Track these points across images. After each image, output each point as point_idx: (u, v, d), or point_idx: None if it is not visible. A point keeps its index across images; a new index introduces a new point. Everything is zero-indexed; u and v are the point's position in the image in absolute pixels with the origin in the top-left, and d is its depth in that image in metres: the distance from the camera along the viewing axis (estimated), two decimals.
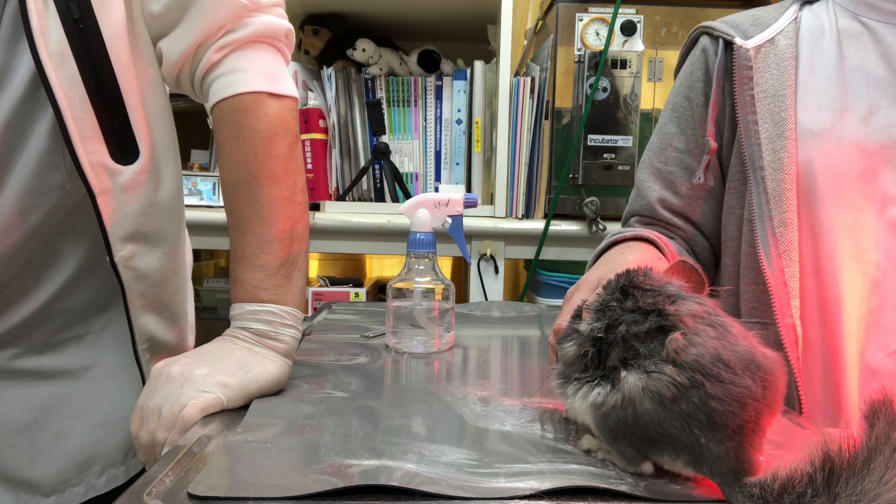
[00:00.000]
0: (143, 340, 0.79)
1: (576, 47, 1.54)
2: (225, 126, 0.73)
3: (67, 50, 0.66)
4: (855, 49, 0.80)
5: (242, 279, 0.71)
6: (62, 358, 0.78)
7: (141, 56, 0.73)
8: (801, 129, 0.79)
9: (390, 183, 1.68)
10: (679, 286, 0.54)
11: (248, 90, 0.72)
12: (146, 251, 0.76)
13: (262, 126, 0.72)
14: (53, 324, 0.77)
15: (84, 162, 0.68)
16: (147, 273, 0.76)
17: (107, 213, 0.71)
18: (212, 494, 0.46)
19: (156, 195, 0.76)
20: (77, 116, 0.67)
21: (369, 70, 1.72)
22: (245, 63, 0.73)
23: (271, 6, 0.75)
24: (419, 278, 0.89)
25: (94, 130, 0.69)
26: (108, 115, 0.69)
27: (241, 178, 0.72)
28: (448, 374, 0.80)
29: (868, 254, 0.76)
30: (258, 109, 0.72)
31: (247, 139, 0.72)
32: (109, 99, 0.69)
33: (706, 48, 0.87)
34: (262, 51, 0.75)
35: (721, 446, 0.47)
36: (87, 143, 0.68)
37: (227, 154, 0.73)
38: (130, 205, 0.73)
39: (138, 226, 0.74)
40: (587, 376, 0.54)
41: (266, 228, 0.71)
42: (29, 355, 0.76)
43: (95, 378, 0.80)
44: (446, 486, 0.47)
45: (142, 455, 0.64)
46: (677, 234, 0.89)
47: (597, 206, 1.53)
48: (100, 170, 0.70)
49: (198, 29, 0.71)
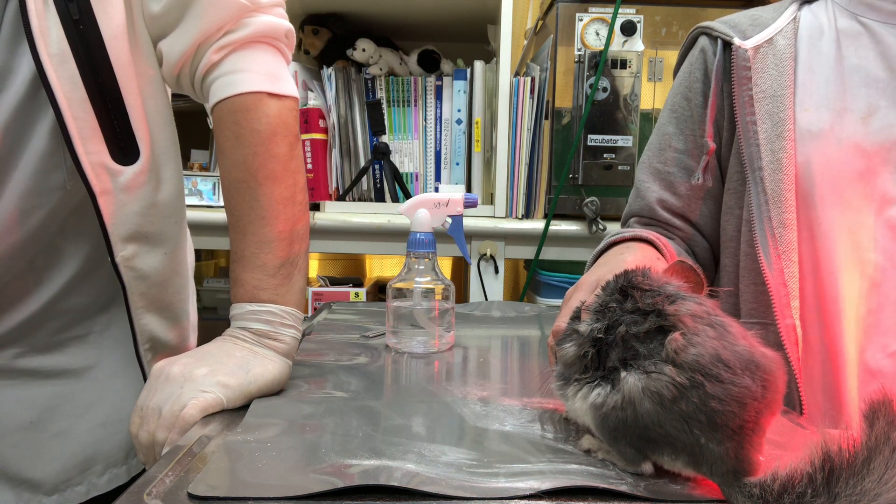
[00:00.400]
0: (145, 340, 0.79)
1: (576, 47, 1.54)
2: (225, 126, 0.73)
3: (67, 50, 0.66)
4: (854, 49, 0.80)
5: (242, 279, 0.71)
6: (64, 357, 0.78)
7: (141, 56, 0.73)
8: (799, 130, 0.79)
9: (390, 183, 1.68)
10: (678, 286, 0.54)
11: (247, 90, 0.72)
12: (147, 251, 0.76)
13: (262, 126, 0.72)
14: (55, 323, 0.77)
15: (84, 162, 0.68)
16: (148, 273, 0.76)
17: (107, 213, 0.71)
18: (212, 494, 0.46)
19: (156, 195, 0.76)
20: (77, 117, 0.67)
21: (369, 70, 1.72)
22: (245, 63, 0.73)
23: (271, 6, 0.75)
24: (419, 278, 0.89)
25: (94, 131, 0.69)
26: (108, 115, 0.70)
27: (242, 179, 0.72)
28: (448, 374, 0.80)
29: (867, 254, 0.76)
30: (258, 109, 0.72)
31: (247, 139, 0.72)
32: (109, 99, 0.70)
33: (705, 48, 0.87)
34: (262, 51, 0.75)
35: (721, 446, 0.47)
36: (88, 144, 0.68)
37: (227, 154, 0.73)
38: (131, 205, 0.73)
39: (139, 226, 0.74)
40: (587, 377, 0.54)
41: (266, 228, 0.71)
42: (31, 355, 0.77)
43: (97, 378, 0.80)
44: (446, 486, 0.47)
45: (142, 455, 0.64)
46: (676, 234, 0.89)
47: (597, 206, 1.53)
48: (100, 170, 0.70)
49: (197, 29, 0.71)
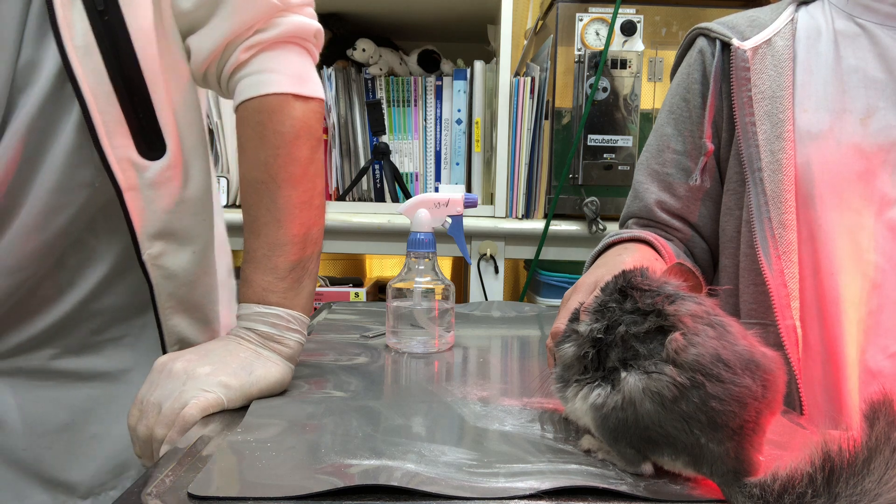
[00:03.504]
0: (173, 342, 0.78)
1: (576, 47, 1.54)
2: (248, 126, 0.73)
3: (93, 43, 0.65)
4: (852, 50, 0.80)
5: (252, 280, 0.71)
6: (100, 360, 0.78)
7: (169, 51, 0.72)
8: (799, 131, 0.79)
9: (390, 183, 1.68)
10: (677, 286, 0.54)
11: (274, 91, 0.72)
12: (175, 250, 0.75)
13: (286, 129, 0.72)
14: (90, 325, 0.77)
15: (111, 157, 0.68)
16: (175, 272, 0.75)
17: (134, 209, 0.71)
18: (212, 494, 0.46)
19: (184, 192, 0.75)
20: (103, 111, 0.67)
21: (369, 70, 1.72)
22: (273, 63, 0.73)
23: (301, 6, 0.75)
24: (419, 278, 0.89)
25: (120, 125, 0.68)
26: (133, 109, 0.69)
27: (261, 180, 0.72)
28: (448, 374, 0.80)
29: (867, 256, 0.76)
30: (283, 111, 0.72)
31: (270, 140, 0.72)
32: (135, 92, 0.69)
33: (703, 50, 0.87)
34: (291, 51, 0.75)
35: (721, 446, 0.47)
36: (114, 138, 0.68)
37: (249, 154, 0.73)
38: (158, 201, 0.72)
39: (166, 223, 0.73)
40: (587, 378, 0.54)
41: (280, 232, 0.71)
42: (66, 356, 0.76)
43: (133, 381, 0.78)
44: (446, 486, 0.47)
45: (137, 448, 0.64)
46: (675, 235, 0.89)
47: (597, 206, 1.53)
48: (126, 165, 0.69)
49: (228, 27, 0.71)
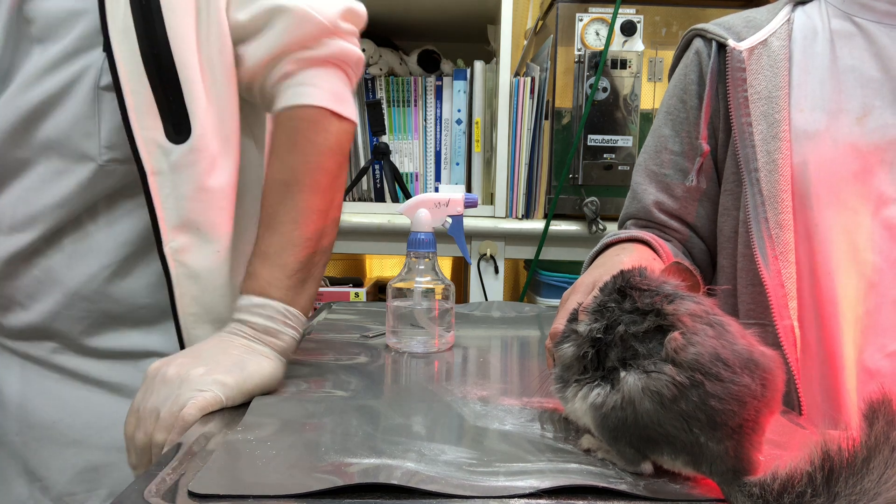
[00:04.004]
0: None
1: (576, 47, 1.54)
2: (284, 132, 0.75)
3: (131, 27, 0.68)
4: (848, 50, 0.80)
5: (259, 273, 0.72)
6: (101, 367, 0.79)
7: (209, 41, 0.73)
8: (795, 131, 0.79)
9: (390, 183, 1.68)
10: (676, 285, 0.54)
11: (314, 103, 0.75)
12: (198, 246, 0.74)
13: (320, 139, 0.75)
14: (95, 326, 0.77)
15: (138, 138, 0.69)
16: (198, 272, 0.75)
17: (157, 195, 0.72)
18: (212, 492, 0.46)
19: (207, 180, 0.74)
20: (135, 91, 0.69)
21: (369, 70, 1.72)
22: (316, 79, 0.76)
23: (349, 33, 0.79)
24: (419, 278, 0.89)
25: (150, 106, 0.70)
26: (163, 90, 0.71)
27: (287, 182, 0.74)
28: (448, 374, 0.80)
29: (864, 255, 0.76)
30: (319, 124, 0.75)
31: (303, 148, 0.74)
32: (165, 74, 0.71)
33: (699, 50, 0.87)
34: (333, 72, 0.78)
35: (721, 445, 0.47)
36: (144, 119, 0.70)
37: (280, 157, 0.75)
38: (181, 187, 0.73)
39: (189, 212, 0.73)
40: (586, 377, 0.54)
41: (296, 231, 0.73)
42: (67, 352, 0.77)
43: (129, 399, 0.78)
44: (446, 485, 0.47)
45: (134, 457, 0.64)
46: (673, 236, 0.89)
47: (597, 206, 1.53)
48: (153, 147, 0.71)
49: (280, 41, 0.74)
